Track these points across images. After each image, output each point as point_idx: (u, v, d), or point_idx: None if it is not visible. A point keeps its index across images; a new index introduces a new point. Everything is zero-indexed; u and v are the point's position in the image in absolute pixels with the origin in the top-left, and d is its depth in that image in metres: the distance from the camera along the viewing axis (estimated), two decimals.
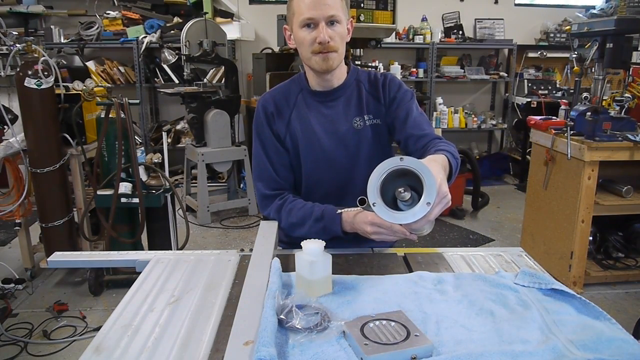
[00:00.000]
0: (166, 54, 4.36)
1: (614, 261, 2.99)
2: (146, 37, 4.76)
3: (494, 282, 1.09)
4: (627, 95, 2.76)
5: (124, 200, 2.55)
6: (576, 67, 2.92)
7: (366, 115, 1.43)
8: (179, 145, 4.99)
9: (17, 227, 2.84)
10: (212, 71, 4.77)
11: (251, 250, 1.20)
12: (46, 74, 2.57)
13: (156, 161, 2.68)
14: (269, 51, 4.77)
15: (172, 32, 4.72)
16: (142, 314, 0.98)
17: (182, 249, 2.78)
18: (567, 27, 4.15)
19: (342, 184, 1.45)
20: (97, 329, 1.22)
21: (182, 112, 4.93)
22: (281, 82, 1.50)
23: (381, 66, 5.12)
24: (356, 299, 1.02)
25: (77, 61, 3.34)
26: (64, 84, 2.76)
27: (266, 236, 1.27)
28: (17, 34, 3.07)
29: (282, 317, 0.90)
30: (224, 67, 4.30)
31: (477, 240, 3.80)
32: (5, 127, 2.68)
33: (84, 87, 2.74)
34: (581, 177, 2.66)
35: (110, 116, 2.53)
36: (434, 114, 5.35)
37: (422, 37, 5.27)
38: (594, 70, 2.85)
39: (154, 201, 2.60)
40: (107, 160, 2.63)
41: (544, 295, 1.04)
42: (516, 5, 5.69)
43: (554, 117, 3.20)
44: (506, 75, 5.55)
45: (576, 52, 2.94)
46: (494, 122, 5.63)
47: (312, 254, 1.01)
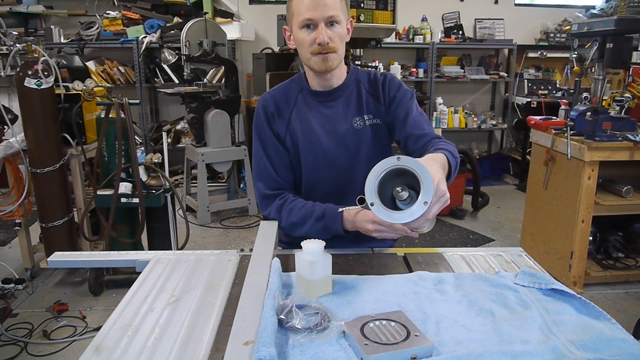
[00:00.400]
0: (166, 54, 4.36)
1: (614, 261, 2.99)
2: (146, 37, 4.76)
3: (494, 282, 1.09)
4: (627, 95, 2.76)
5: (124, 200, 2.55)
6: (576, 67, 2.92)
7: (366, 115, 1.43)
8: (179, 145, 4.99)
9: (17, 227, 2.84)
10: (212, 71, 4.77)
11: (251, 250, 1.20)
12: (46, 74, 2.57)
13: (156, 161, 2.68)
14: (269, 51, 4.78)
15: (172, 32, 4.72)
16: (142, 314, 0.98)
17: (182, 249, 2.78)
18: (567, 27, 4.15)
19: (342, 184, 1.45)
20: (97, 329, 1.22)
21: (182, 112, 4.93)
22: (281, 82, 1.50)
23: (381, 66, 5.12)
24: (356, 299, 1.01)
25: (77, 61, 3.34)
26: (64, 84, 2.76)
27: (266, 236, 1.27)
28: (17, 34, 3.06)
29: (282, 317, 0.90)
30: (224, 67, 4.30)
31: (477, 240, 3.80)
32: (5, 127, 2.68)
33: (84, 87, 2.74)
34: (581, 177, 2.66)
35: (110, 116, 2.53)
36: (434, 114, 5.34)
37: (422, 37, 5.27)
38: (594, 70, 2.85)
39: (154, 201, 2.60)
40: (107, 160, 2.63)
41: (544, 295, 1.04)
42: (516, 5, 5.69)
43: (554, 117, 3.20)
44: (506, 75, 5.55)
45: (576, 52, 2.94)
46: (494, 122, 5.63)
47: (312, 254, 1.01)
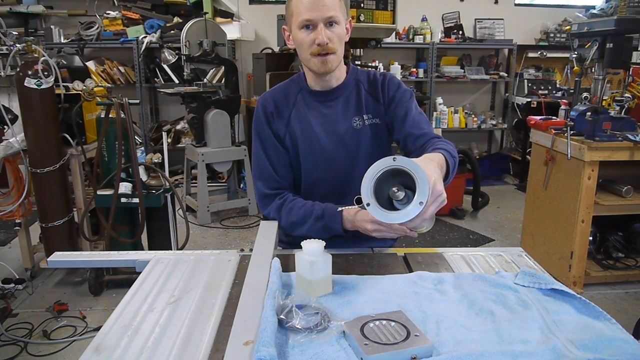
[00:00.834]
0: (166, 54, 4.36)
1: (614, 261, 2.99)
2: (146, 37, 4.76)
3: (494, 282, 1.09)
4: (627, 95, 2.76)
5: (124, 200, 2.55)
6: (576, 67, 2.92)
7: (365, 115, 1.43)
8: (179, 145, 4.99)
9: (17, 227, 2.84)
10: (212, 71, 4.77)
11: (251, 250, 1.20)
12: (46, 74, 2.57)
13: (156, 161, 2.68)
14: (269, 51, 4.77)
15: (172, 32, 4.72)
16: (142, 314, 0.98)
17: (182, 249, 2.78)
18: (567, 27, 4.15)
19: (341, 184, 1.45)
20: (97, 329, 1.22)
21: (182, 112, 4.93)
22: (281, 82, 1.50)
23: (381, 66, 5.12)
24: (356, 299, 1.01)
25: (77, 61, 3.34)
26: (64, 84, 2.76)
27: (266, 236, 1.27)
28: (17, 34, 3.07)
29: (282, 317, 0.90)
30: (224, 67, 4.30)
31: (477, 240, 3.80)
32: (5, 127, 2.68)
33: (84, 87, 2.74)
34: (581, 177, 2.66)
35: (110, 116, 2.53)
36: (434, 114, 5.34)
37: (422, 37, 5.27)
38: (594, 70, 2.85)
39: (154, 201, 2.60)
40: (107, 160, 2.63)
41: (544, 295, 1.04)
42: (516, 5, 5.69)
43: (554, 117, 3.20)
44: (506, 75, 5.55)
45: (576, 52, 2.93)
46: (494, 122, 5.63)
47: (312, 254, 1.01)
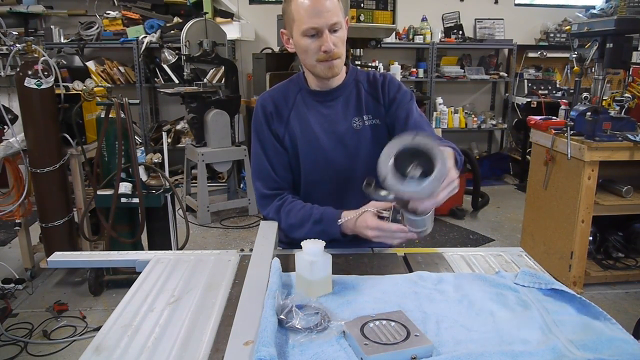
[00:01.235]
0: (166, 54, 4.36)
1: (614, 261, 2.99)
2: (146, 37, 4.76)
3: (494, 282, 1.09)
4: (627, 95, 2.76)
5: (124, 200, 2.55)
6: (576, 67, 2.92)
7: (365, 115, 1.42)
8: (179, 145, 4.99)
9: (17, 227, 2.84)
10: (212, 71, 4.77)
11: (251, 250, 1.20)
12: (46, 74, 2.57)
13: (156, 161, 2.68)
14: (269, 51, 4.77)
15: (172, 32, 4.72)
16: (142, 314, 0.98)
17: (182, 249, 2.78)
18: (567, 27, 4.15)
19: (341, 184, 1.44)
20: (97, 329, 1.22)
21: (182, 112, 4.93)
22: (280, 82, 1.50)
23: (381, 66, 5.12)
24: (356, 299, 1.01)
25: (77, 61, 3.34)
26: (64, 84, 2.76)
27: (266, 236, 1.27)
28: (17, 34, 3.07)
29: (282, 317, 0.90)
30: (224, 67, 4.30)
31: (477, 240, 3.80)
32: (5, 127, 2.68)
33: (84, 87, 2.74)
34: (581, 177, 2.66)
35: (110, 116, 2.53)
36: (434, 114, 5.34)
37: (422, 37, 5.27)
38: (594, 70, 2.85)
39: (154, 201, 2.60)
40: (107, 160, 2.63)
41: (544, 295, 1.04)
42: (516, 5, 5.69)
43: (554, 117, 3.20)
44: (506, 75, 5.55)
45: (576, 52, 2.93)
46: (494, 122, 5.63)
47: (312, 254, 1.01)
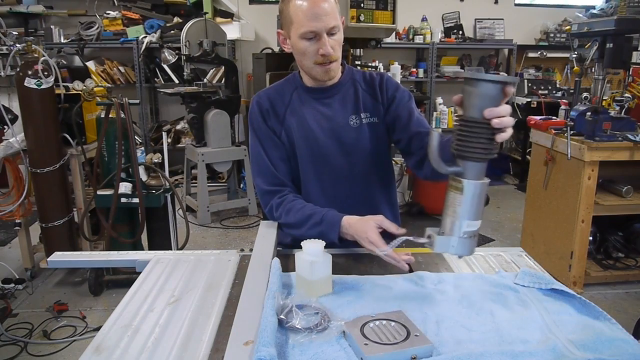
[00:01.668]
0: (166, 54, 4.36)
1: (614, 261, 2.99)
2: (146, 37, 4.76)
3: (494, 282, 1.09)
4: (627, 95, 2.76)
5: (124, 200, 2.55)
6: (576, 67, 2.92)
7: (363, 113, 1.42)
8: (179, 145, 4.98)
9: (17, 227, 2.84)
10: (212, 71, 4.77)
11: (251, 250, 1.20)
12: (46, 74, 2.57)
13: (156, 161, 2.68)
14: (269, 51, 4.77)
15: (172, 32, 4.72)
16: (142, 314, 0.98)
17: (182, 249, 2.78)
18: (567, 27, 4.15)
19: (338, 181, 1.44)
20: (97, 329, 1.22)
21: (182, 112, 4.93)
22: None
23: (381, 66, 5.11)
24: (356, 299, 1.02)
25: (77, 61, 3.34)
26: (64, 84, 2.76)
27: (266, 236, 1.27)
28: (17, 34, 3.07)
29: (282, 317, 0.90)
30: (224, 67, 4.29)
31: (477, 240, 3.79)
32: (5, 127, 2.68)
33: (84, 87, 2.74)
34: (581, 177, 2.66)
35: (110, 116, 2.52)
36: (434, 114, 5.34)
37: (422, 37, 5.26)
38: (594, 70, 2.85)
39: (154, 201, 2.60)
40: (107, 160, 2.63)
41: (544, 295, 1.04)
42: (516, 5, 5.69)
43: (554, 117, 3.20)
44: (506, 75, 5.54)
45: (576, 52, 2.94)
46: None
47: (312, 254, 1.01)
